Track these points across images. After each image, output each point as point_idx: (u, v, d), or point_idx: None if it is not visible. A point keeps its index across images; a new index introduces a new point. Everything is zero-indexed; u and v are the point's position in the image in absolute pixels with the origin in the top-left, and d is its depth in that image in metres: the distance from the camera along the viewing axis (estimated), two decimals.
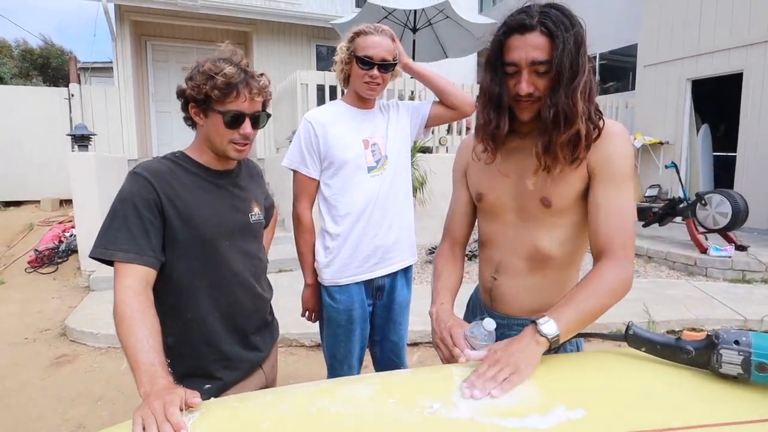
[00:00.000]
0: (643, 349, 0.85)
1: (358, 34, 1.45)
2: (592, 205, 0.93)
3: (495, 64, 0.92)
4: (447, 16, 5.86)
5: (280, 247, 4.65)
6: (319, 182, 1.57)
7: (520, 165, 0.99)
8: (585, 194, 0.96)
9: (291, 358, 2.87)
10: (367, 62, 1.43)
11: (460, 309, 1.22)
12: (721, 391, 0.74)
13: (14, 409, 2.33)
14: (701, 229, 4.71)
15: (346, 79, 1.53)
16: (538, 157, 0.91)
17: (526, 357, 0.76)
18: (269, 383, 1.28)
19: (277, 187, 5.52)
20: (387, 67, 1.45)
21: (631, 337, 0.86)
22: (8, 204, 6.38)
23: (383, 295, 1.62)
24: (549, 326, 0.79)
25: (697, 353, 0.78)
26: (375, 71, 1.44)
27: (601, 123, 0.92)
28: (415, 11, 5.93)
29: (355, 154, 1.50)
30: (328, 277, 1.55)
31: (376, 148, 1.54)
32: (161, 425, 0.66)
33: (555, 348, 0.82)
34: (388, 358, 1.66)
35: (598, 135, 0.92)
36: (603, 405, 0.72)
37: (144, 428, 0.66)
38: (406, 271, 1.66)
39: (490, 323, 0.93)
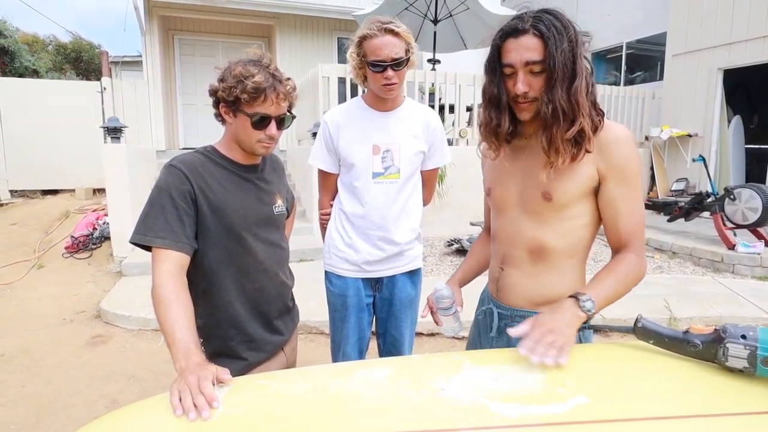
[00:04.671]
0: (651, 341, 0.87)
1: (363, 38, 1.43)
2: (607, 204, 0.99)
3: (494, 67, 0.99)
4: (468, 8, 5.79)
5: (301, 237, 4.75)
6: (337, 176, 1.63)
7: (526, 162, 1.04)
8: (590, 192, 1.01)
9: (311, 344, 2.97)
10: (378, 65, 1.41)
11: (473, 300, 1.27)
12: (727, 383, 0.76)
13: (54, 385, 2.50)
14: (729, 225, 4.57)
15: (365, 81, 1.52)
16: (545, 151, 0.96)
17: (572, 328, 0.84)
18: (290, 364, 1.36)
19: (299, 179, 5.62)
20: (400, 64, 1.43)
21: (639, 330, 0.88)
22: (46, 192, 6.69)
23: (383, 288, 1.64)
24: (589, 304, 0.87)
25: (704, 346, 0.80)
26: (389, 72, 1.42)
27: (599, 120, 0.97)
28: (437, 2, 5.87)
29: (361, 158, 1.52)
30: (327, 263, 1.64)
31: (389, 156, 1.53)
32: (195, 397, 0.73)
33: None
34: (389, 352, 1.70)
35: (595, 130, 0.97)
36: (607, 393, 0.75)
37: (180, 399, 0.73)
38: (412, 271, 1.67)
39: (439, 285, 1.18)
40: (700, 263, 4.54)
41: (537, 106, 0.96)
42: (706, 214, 4.96)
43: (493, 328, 1.13)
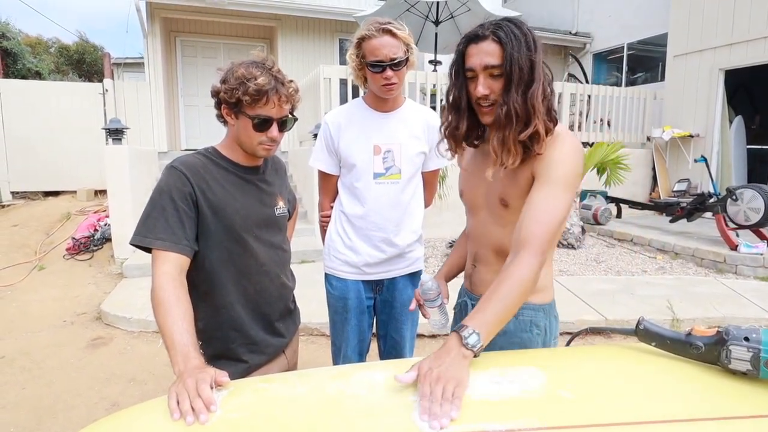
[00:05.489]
0: (653, 343, 0.86)
1: (362, 39, 1.43)
2: (526, 202, 0.98)
3: (457, 71, 1.02)
4: (469, 9, 5.79)
5: (303, 239, 4.75)
6: (338, 178, 1.62)
7: (489, 166, 1.04)
8: None
9: (312, 346, 2.96)
10: (378, 65, 1.42)
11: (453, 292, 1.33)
12: (730, 386, 0.75)
13: (55, 386, 2.50)
14: (732, 225, 4.55)
15: (365, 82, 1.53)
16: (494, 151, 0.98)
17: (460, 368, 0.77)
18: (291, 367, 1.35)
19: (300, 180, 5.62)
20: (399, 64, 1.43)
21: (641, 332, 0.87)
22: (47, 194, 6.69)
23: (383, 290, 1.64)
24: (473, 338, 0.81)
25: (706, 349, 0.79)
26: (388, 72, 1.42)
27: (551, 125, 0.98)
28: (438, 3, 5.88)
29: (362, 159, 1.52)
30: (328, 265, 1.64)
31: (390, 156, 1.53)
32: (193, 400, 0.72)
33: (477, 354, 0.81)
34: (389, 354, 1.70)
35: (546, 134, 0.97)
36: (610, 396, 0.74)
37: (178, 402, 0.73)
38: (413, 273, 1.67)
39: (424, 277, 1.21)
40: (702, 264, 4.52)
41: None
42: (709, 214, 4.95)
43: (463, 316, 1.16)
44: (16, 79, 7.62)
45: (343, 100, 5.12)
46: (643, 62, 8.32)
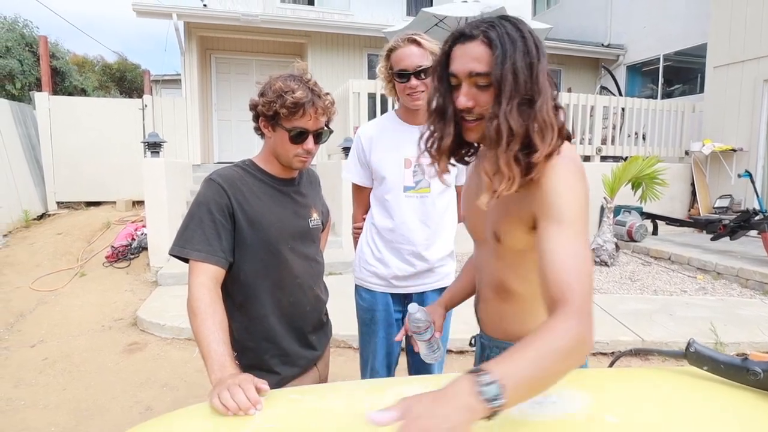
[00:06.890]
0: (705, 368, 0.82)
1: (391, 50, 1.47)
2: (539, 251, 0.76)
3: (441, 74, 0.85)
4: None
5: (330, 251, 4.78)
6: (371, 190, 1.64)
7: (483, 192, 0.85)
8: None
9: (339, 359, 2.95)
10: (403, 75, 1.45)
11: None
12: None
13: (92, 389, 2.59)
14: None
15: (396, 94, 1.56)
16: (485, 173, 0.81)
17: (460, 426, 0.53)
18: (322, 380, 1.35)
19: (329, 193, 5.69)
20: (424, 72, 1.44)
21: (691, 355, 0.83)
22: (89, 204, 7.04)
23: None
24: (492, 390, 0.56)
25: (765, 375, 0.74)
26: (413, 81, 1.44)
27: (559, 143, 0.80)
28: (467, 18, 5.91)
29: (392, 172, 1.52)
30: (357, 276, 1.65)
31: (420, 169, 1.52)
32: (240, 400, 0.74)
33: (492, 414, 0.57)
34: (418, 370, 1.67)
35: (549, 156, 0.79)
36: (661, 423, 0.70)
37: (224, 404, 0.74)
38: (443, 288, 1.64)
39: (412, 307, 1.08)
40: (747, 285, 4.26)
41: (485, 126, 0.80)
42: (754, 232, 4.69)
43: (477, 357, 1.06)
44: (63, 96, 8.10)
45: (372, 113, 5.18)
46: (681, 74, 8.06)
